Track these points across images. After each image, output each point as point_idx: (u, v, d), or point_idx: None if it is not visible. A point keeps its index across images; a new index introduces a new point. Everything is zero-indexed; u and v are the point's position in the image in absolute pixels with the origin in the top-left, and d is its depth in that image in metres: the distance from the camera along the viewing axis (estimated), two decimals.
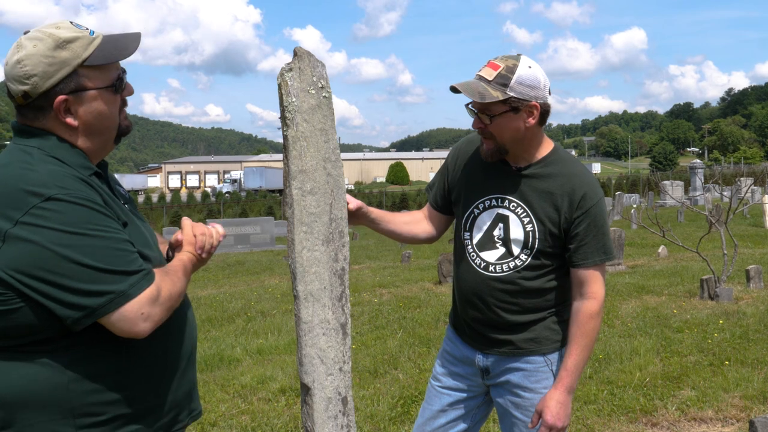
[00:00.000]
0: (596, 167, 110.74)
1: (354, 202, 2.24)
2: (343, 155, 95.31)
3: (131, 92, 1.75)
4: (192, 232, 1.85)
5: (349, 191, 67.24)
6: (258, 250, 21.89)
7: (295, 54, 2.01)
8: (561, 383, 2.19)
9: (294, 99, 1.99)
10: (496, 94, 2.07)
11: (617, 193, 29.46)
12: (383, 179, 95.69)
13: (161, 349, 1.68)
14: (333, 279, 2.07)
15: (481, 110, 2.13)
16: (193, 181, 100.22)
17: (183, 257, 1.77)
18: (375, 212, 2.38)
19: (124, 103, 1.74)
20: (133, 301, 1.50)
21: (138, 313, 1.51)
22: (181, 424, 1.80)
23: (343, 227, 2.10)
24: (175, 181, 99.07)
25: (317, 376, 2.04)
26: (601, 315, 2.24)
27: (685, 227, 19.24)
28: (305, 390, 2.05)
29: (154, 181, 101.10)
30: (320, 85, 2.03)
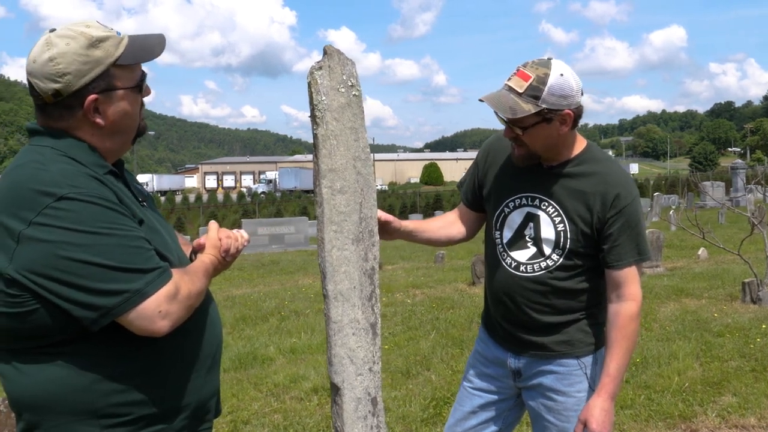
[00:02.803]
0: (634, 168, 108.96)
1: (384, 215, 2.23)
2: (377, 156, 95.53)
3: (149, 93, 1.75)
4: (217, 235, 1.83)
5: (383, 192, 67.22)
6: (292, 249, 22.03)
7: (325, 52, 1.99)
8: (604, 389, 2.13)
9: (324, 97, 1.97)
10: (528, 108, 2.01)
11: (656, 194, 28.94)
12: (417, 180, 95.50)
13: (184, 349, 1.67)
14: (363, 278, 2.05)
15: (513, 122, 2.08)
16: (229, 181, 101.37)
17: (205, 259, 1.76)
18: (408, 225, 2.37)
19: (142, 104, 1.73)
20: (150, 298, 1.48)
21: (156, 310, 1.49)
22: (207, 424, 1.79)
23: (373, 226, 2.07)
24: (211, 182, 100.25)
25: (347, 376, 2.02)
26: (640, 317, 2.18)
27: (726, 229, 18.80)
28: (335, 390, 2.04)
29: (191, 182, 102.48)
30: (350, 84, 2.01)
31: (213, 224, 1.88)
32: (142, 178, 74.64)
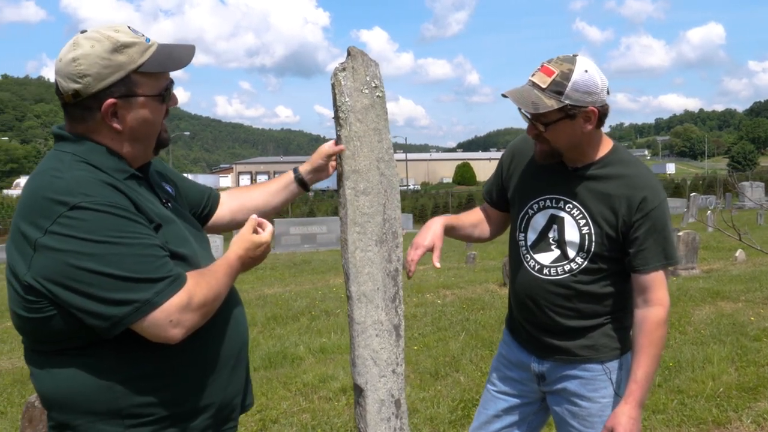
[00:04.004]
0: (671, 167, 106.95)
1: (438, 254, 2.26)
2: (410, 155, 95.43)
3: (176, 103, 1.74)
4: (250, 230, 1.79)
5: (415, 192, 67.10)
6: (324, 249, 22.15)
7: (349, 53, 2.00)
8: (632, 397, 2.08)
9: (347, 99, 1.98)
10: (551, 103, 1.98)
11: (692, 194, 28.41)
12: (450, 180, 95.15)
13: (205, 350, 1.68)
14: (386, 280, 2.05)
15: (536, 117, 2.05)
16: (262, 180, 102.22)
17: (230, 255, 1.74)
18: (445, 224, 2.35)
19: (166, 113, 1.73)
20: (160, 308, 1.49)
21: (166, 320, 1.50)
22: (233, 422, 1.80)
23: (396, 228, 2.07)
24: (245, 181, 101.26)
25: (370, 378, 2.03)
26: (667, 322, 2.14)
27: (765, 230, 18.37)
28: (358, 391, 2.04)
29: (225, 181, 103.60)
30: (374, 85, 2.01)
31: (252, 219, 1.82)
32: None
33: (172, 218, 1.70)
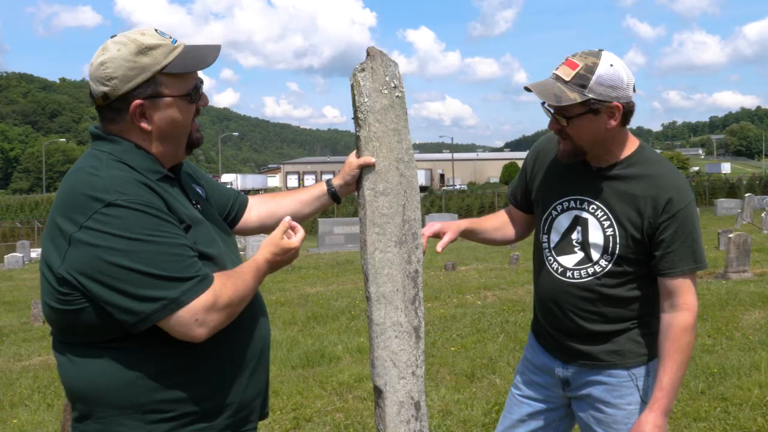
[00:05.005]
0: (726, 167, 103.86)
1: (445, 241, 2.24)
2: (456, 155, 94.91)
3: (206, 103, 1.77)
4: (281, 234, 1.80)
5: (462, 192, 66.70)
6: None
7: (368, 54, 1.99)
8: (657, 404, 2.02)
9: (366, 99, 1.97)
10: (574, 96, 1.93)
11: (747, 195, 27.54)
12: (497, 179, 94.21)
13: (226, 350, 1.70)
14: (406, 281, 2.03)
15: (558, 111, 2.01)
16: (310, 180, 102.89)
17: (258, 258, 1.76)
18: (466, 227, 2.35)
19: (197, 113, 1.76)
20: (186, 307, 1.52)
21: (192, 319, 1.53)
22: (251, 425, 1.81)
23: (416, 229, 2.05)
24: (293, 181, 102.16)
25: (389, 379, 2.01)
26: (695, 328, 2.06)
27: None
28: (378, 393, 2.03)
29: (273, 181, 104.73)
30: (393, 85, 2.00)
31: (284, 222, 1.83)
32: (226, 177, 77.34)
33: (201, 219, 1.74)
